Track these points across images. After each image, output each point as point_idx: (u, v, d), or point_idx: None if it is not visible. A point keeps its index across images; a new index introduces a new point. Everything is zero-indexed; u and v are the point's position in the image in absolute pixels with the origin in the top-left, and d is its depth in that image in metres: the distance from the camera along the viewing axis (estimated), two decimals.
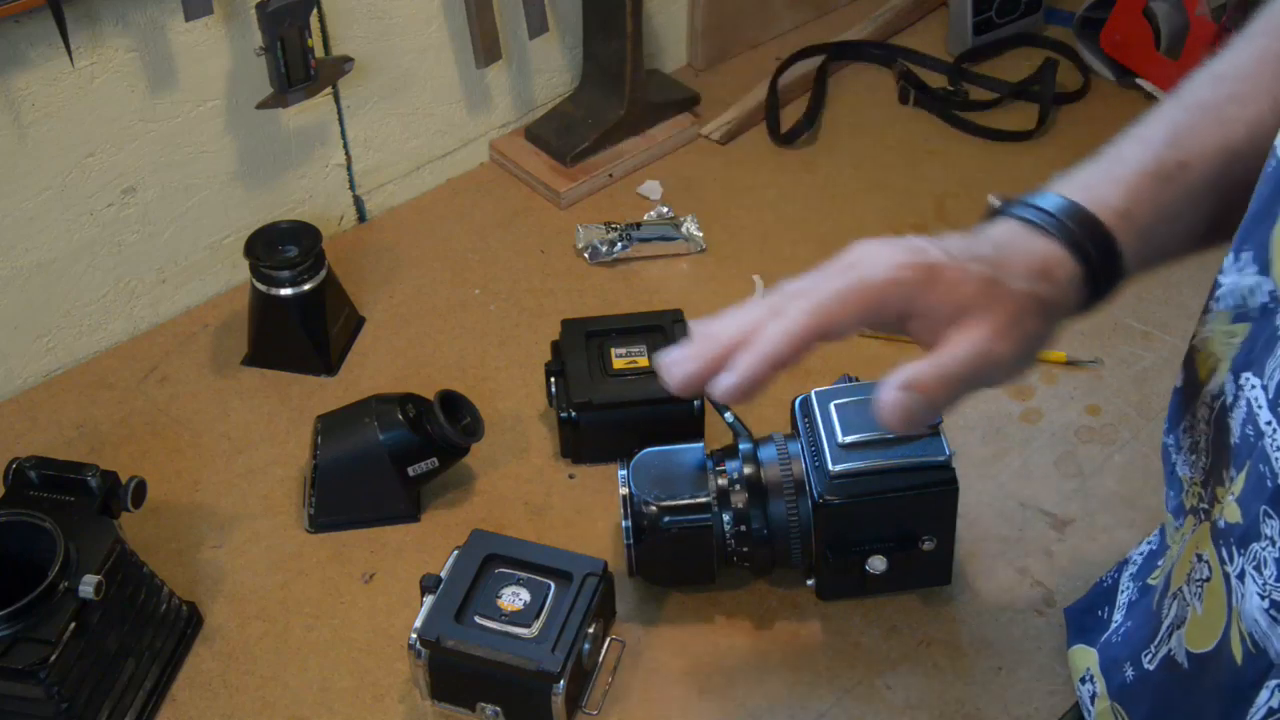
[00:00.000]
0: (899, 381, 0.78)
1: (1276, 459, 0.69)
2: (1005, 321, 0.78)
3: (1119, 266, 0.81)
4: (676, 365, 0.81)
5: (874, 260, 0.80)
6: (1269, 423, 0.71)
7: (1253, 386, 0.74)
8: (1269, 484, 0.70)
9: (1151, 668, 0.87)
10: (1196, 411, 0.84)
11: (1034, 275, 0.79)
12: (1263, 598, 0.71)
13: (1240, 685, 0.74)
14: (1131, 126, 0.84)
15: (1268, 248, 0.73)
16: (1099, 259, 0.80)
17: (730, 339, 0.80)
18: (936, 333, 0.79)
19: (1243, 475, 0.74)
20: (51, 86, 1.19)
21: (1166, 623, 0.85)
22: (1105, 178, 0.82)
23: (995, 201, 0.85)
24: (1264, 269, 0.74)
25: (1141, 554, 1.02)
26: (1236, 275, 0.77)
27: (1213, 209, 0.82)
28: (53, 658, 0.94)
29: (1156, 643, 0.86)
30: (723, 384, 0.79)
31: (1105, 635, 0.97)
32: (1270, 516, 0.70)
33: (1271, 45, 0.82)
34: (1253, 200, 0.75)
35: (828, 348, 1.33)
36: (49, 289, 1.28)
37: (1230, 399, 0.77)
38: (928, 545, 1.04)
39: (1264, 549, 0.71)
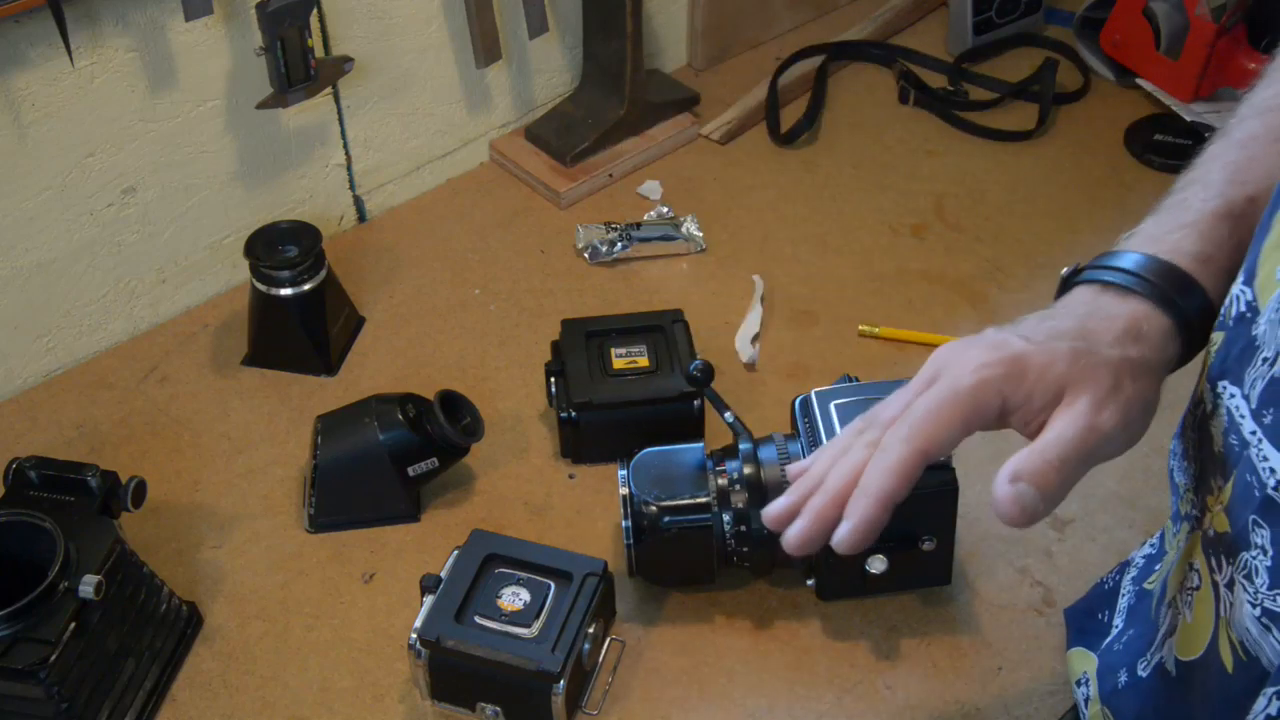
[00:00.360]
0: (1008, 475, 0.75)
1: (1263, 469, 0.69)
2: (1104, 392, 0.76)
3: (1208, 311, 0.78)
4: (789, 523, 0.80)
5: (958, 366, 0.78)
6: (1253, 432, 0.71)
7: (1231, 396, 0.74)
8: (1256, 493, 0.70)
9: (1144, 675, 0.87)
10: (1187, 419, 0.84)
11: (1123, 338, 0.77)
12: (1254, 606, 0.71)
13: (1231, 694, 0.74)
14: (1186, 173, 0.82)
15: (1258, 259, 0.74)
16: (1187, 307, 0.78)
17: (838, 487, 0.78)
18: (1038, 420, 0.77)
19: (1230, 485, 0.74)
20: (51, 86, 1.19)
21: (1161, 631, 0.85)
22: (1174, 226, 0.80)
23: (1066, 271, 0.82)
24: (1248, 279, 0.74)
25: (1144, 556, 1.02)
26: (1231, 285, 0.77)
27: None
28: (53, 658, 0.94)
29: (1151, 650, 0.86)
30: (844, 537, 0.77)
31: (1106, 641, 0.97)
32: (1260, 525, 0.70)
33: None
34: (1265, 211, 0.75)
35: (827, 347, 1.33)
36: (49, 289, 1.28)
37: (1209, 407, 0.77)
38: (928, 545, 1.03)
39: (1254, 558, 0.71)
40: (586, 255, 1.41)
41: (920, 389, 0.78)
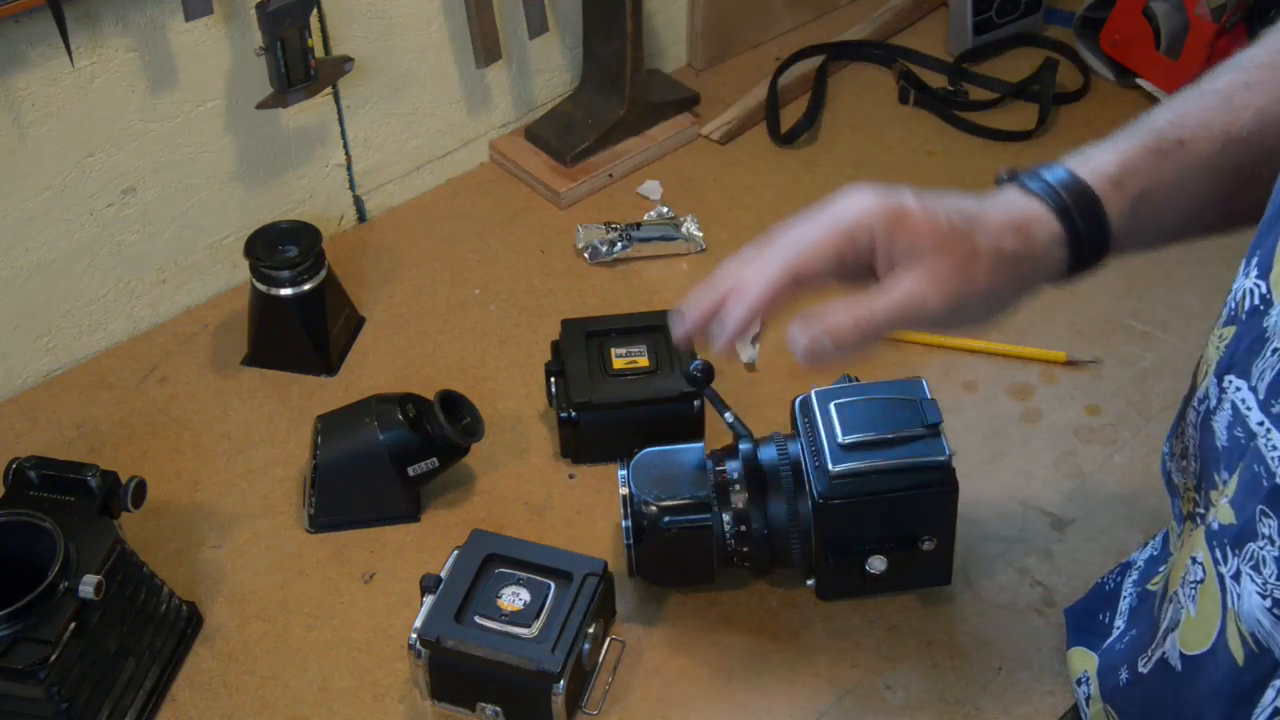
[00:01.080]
0: (818, 326, 0.84)
1: (1272, 458, 0.69)
2: (948, 273, 0.81)
3: (1104, 232, 0.83)
4: (682, 317, 0.90)
5: (848, 203, 0.86)
6: (1261, 423, 0.71)
7: (1237, 389, 0.74)
8: (1264, 483, 0.70)
9: (1145, 670, 0.87)
10: (1186, 417, 0.84)
11: (1007, 230, 0.82)
12: (1264, 597, 0.71)
13: (1241, 686, 0.74)
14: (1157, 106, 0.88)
15: (1273, 252, 0.74)
16: (1083, 222, 0.82)
17: (721, 286, 0.88)
18: (889, 272, 0.84)
19: (1235, 477, 0.74)
20: (51, 86, 1.19)
21: (1163, 627, 0.85)
22: (1105, 150, 0.85)
23: (1003, 172, 0.89)
24: (1263, 273, 0.74)
25: (1145, 559, 1.01)
26: (1242, 279, 0.77)
27: (1210, 189, 0.83)
28: (53, 658, 0.94)
29: (1153, 646, 0.86)
30: (715, 341, 0.89)
31: (1108, 642, 0.97)
32: (1268, 515, 0.70)
33: None
34: (1268, 206, 0.76)
35: None
36: (49, 289, 1.28)
37: (1214, 402, 0.77)
38: (928, 545, 1.03)
39: (1262, 548, 0.71)
40: (586, 255, 1.41)
41: (811, 218, 0.87)
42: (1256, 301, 0.75)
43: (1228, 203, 0.84)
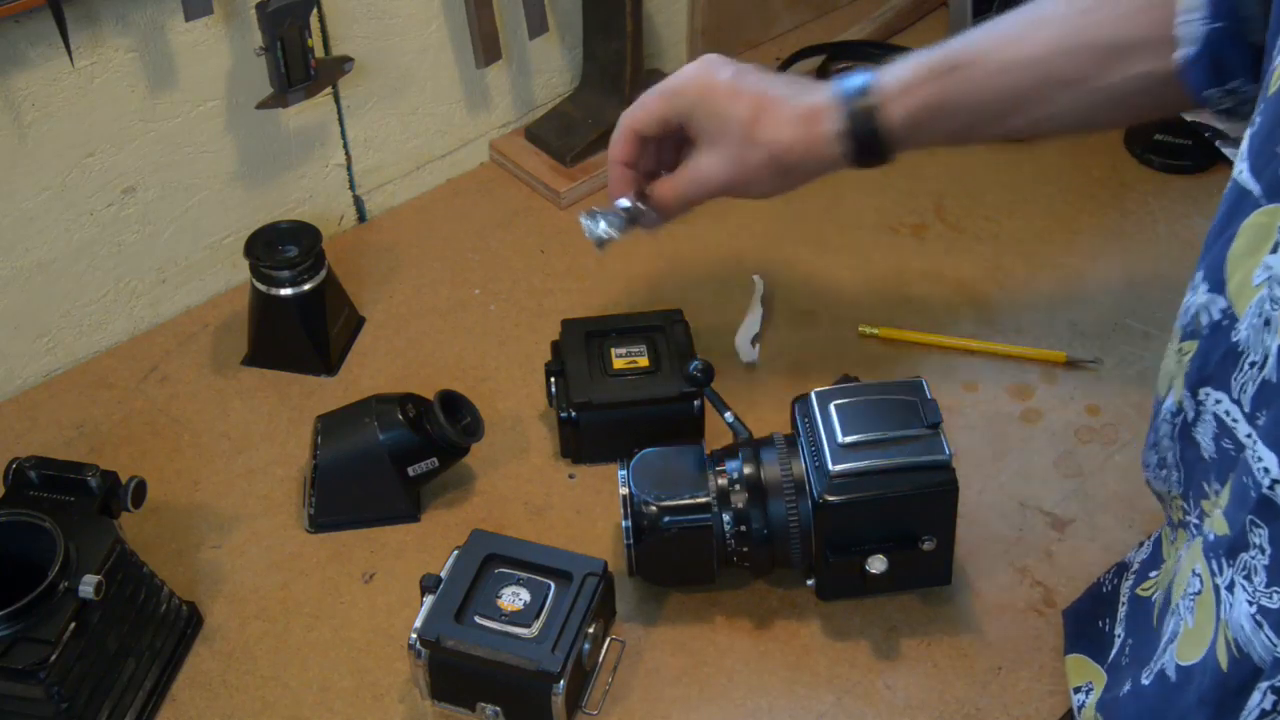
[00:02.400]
0: (652, 199, 1.11)
1: (1258, 469, 0.69)
2: (729, 157, 1.05)
3: (876, 134, 1.02)
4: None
5: (680, 72, 1.08)
6: (1248, 435, 0.71)
7: (1217, 401, 0.74)
8: (1253, 494, 0.70)
9: (1147, 683, 0.87)
10: (1159, 428, 0.84)
11: (795, 119, 1.03)
12: (1250, 604, 0.71)
13: (1226, 692, 0.74)
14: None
15: (1221, 268, 0.74)
16: (857, 123, 1.02)
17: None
18: (695, 137, 1.07)
19: (1227, 488, 0.74)
20: (51, 86, 1.19)
21: (1164, 639, 0.85)
22: (900, 65, 1.02)
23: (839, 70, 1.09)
24: (1216, 287, 0.75)
25: (1140, 561, 1.01)
26: (1192, 296, 0.77)
27: (985, 109, 1.01)
28: (53, 658, 0.94)
29: (1155, 658, 0.86)
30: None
31: (1113, 656, 0.97)
32: (1258, 525, 0.70)
33: None
34: (1214, 220, 0.76)
35: (827, 348, 1.33)
36: (49, 289, 1.28)
37: (1191, 414, 0.78)
38: (928, 545, 1.03)
39: (1253, 558, 0.71)
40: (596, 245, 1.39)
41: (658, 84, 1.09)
42: (1217, 317, 0.75)
43: (1004, 120, 1.01)
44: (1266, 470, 0.69)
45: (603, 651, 1.07)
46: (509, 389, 1.29)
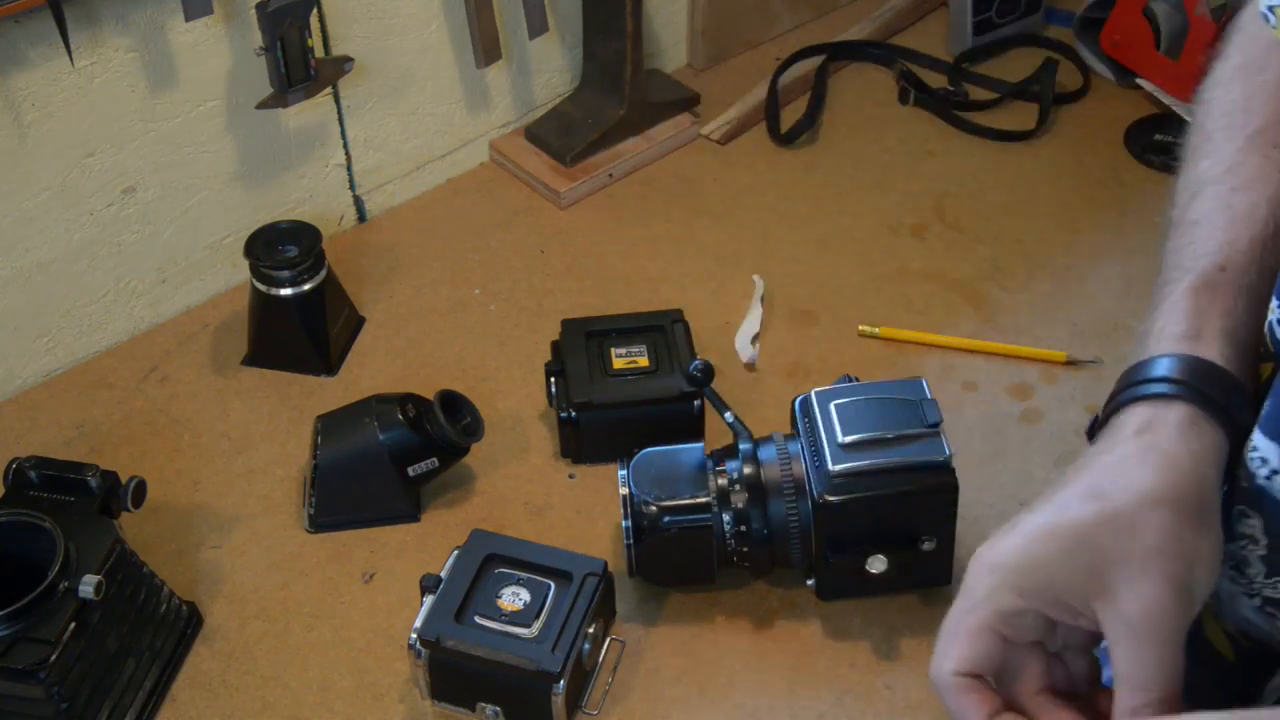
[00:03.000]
0: None
1: (1253, 459, 0.69)
2: (1157, 577, 0.63)
3: (1217, 372, 0.70)
4: None
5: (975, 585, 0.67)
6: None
7: None
8: (1244, 484, 0.70)
9: None
10: None
11: (1113, 466, 0.67)
12: (1251, 596, 0.71)
13: (1233, 680, 0.74)
14: (1156, 287, 0.78)
15: None
16: (1215, 389, 0.69)
17: None
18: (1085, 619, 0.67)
19: None
20: (51, 86, 1.19)
21: None
22: (1165, 317, 0.74)
23: (1097, 414, 0.75)
24: None
25: None
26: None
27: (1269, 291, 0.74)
28: (53, 658, 0.94)
29: None
30: None
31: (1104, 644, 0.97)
32: (1248, 516, 0.70)
33: (1243, 132, 0.78)
34: None
35: (827, 347, 1.33)
36: (49, 289, 1.28)
37: None
38: (928, 545, 1.03)
39: (1243, 548, 0.70)
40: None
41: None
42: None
43: None
44: (1265, 460, 0.68)
45: (603, 651, 1.07)
46: (509, 389, 1.29)
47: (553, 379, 1.22)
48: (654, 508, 1.05)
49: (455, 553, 1.05)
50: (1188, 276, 0.74)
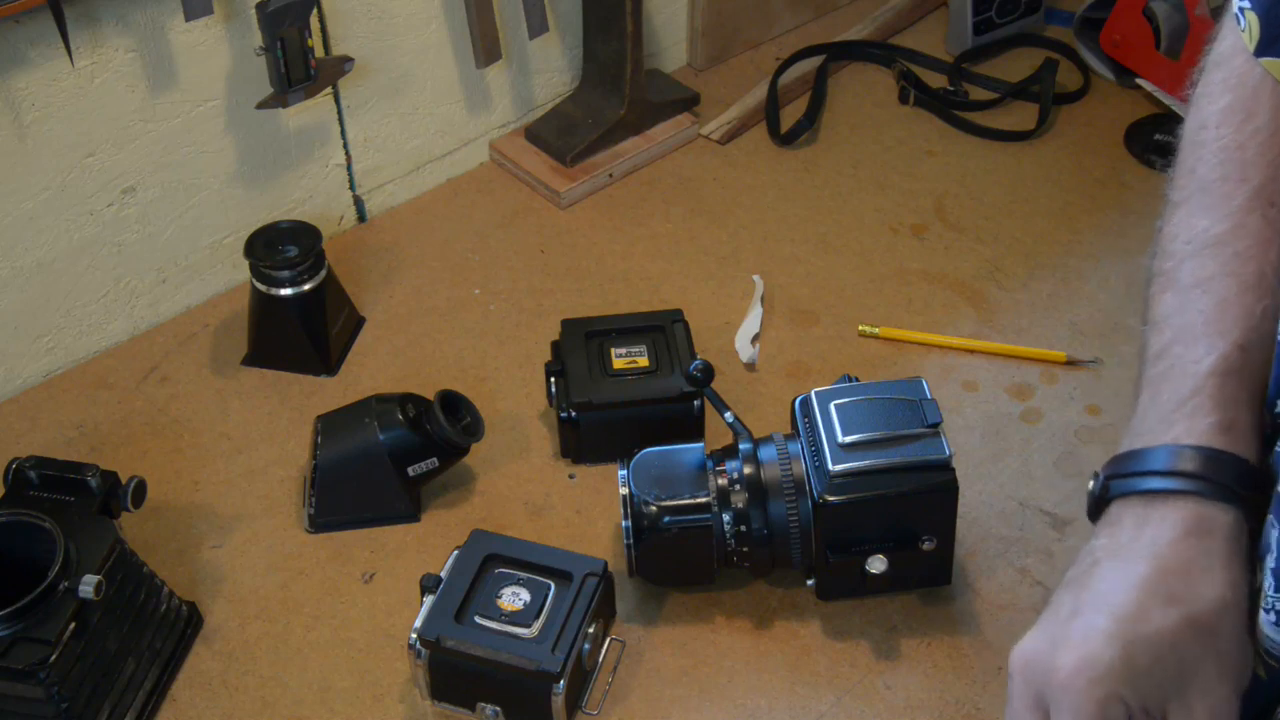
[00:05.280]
0: None
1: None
2: (1215, 676, 0.66)
3: (1255, 474, 0.70)
4: None
5: (1064, 689, 0.69)
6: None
7: None
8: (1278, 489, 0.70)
9: None
10: None
11: (1179, 570, 0.67)
12: (1268, 611, 0.70)
13: (1259, 700, 0.73)
14: (1154, 333, 0.76)
15: None
16: (1242, 487, 0.69)
17: None
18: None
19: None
20: (51, 86, 1.19)
21: None
22: (1177, 401, 0.73)
23: (1095, 485, 0.74)
24: None
25: None
26: None
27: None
28: (53, 658, 0.94)
29: None
30: None
31: None
32: (1275, 526, 0.69)
33: (1242, 188, 0.77)
34: None
35: (827, 347, 1.33)
36: (49, 289, 1.28)
37: (1268, 431, 0.76)
38: (928, 545, 1.03)
39: (1270, 559, 0.70)
40: None
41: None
42: None
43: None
44: None
45: (603, 651, 1.07)
46: (509, 389, 1.29)
47: (553, 379, 1.22)
48: (654, 508, 1.05)
49: (455, 553, 1.05)
50: (1209, 357, 0.73)
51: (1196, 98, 0.83)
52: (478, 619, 1.01)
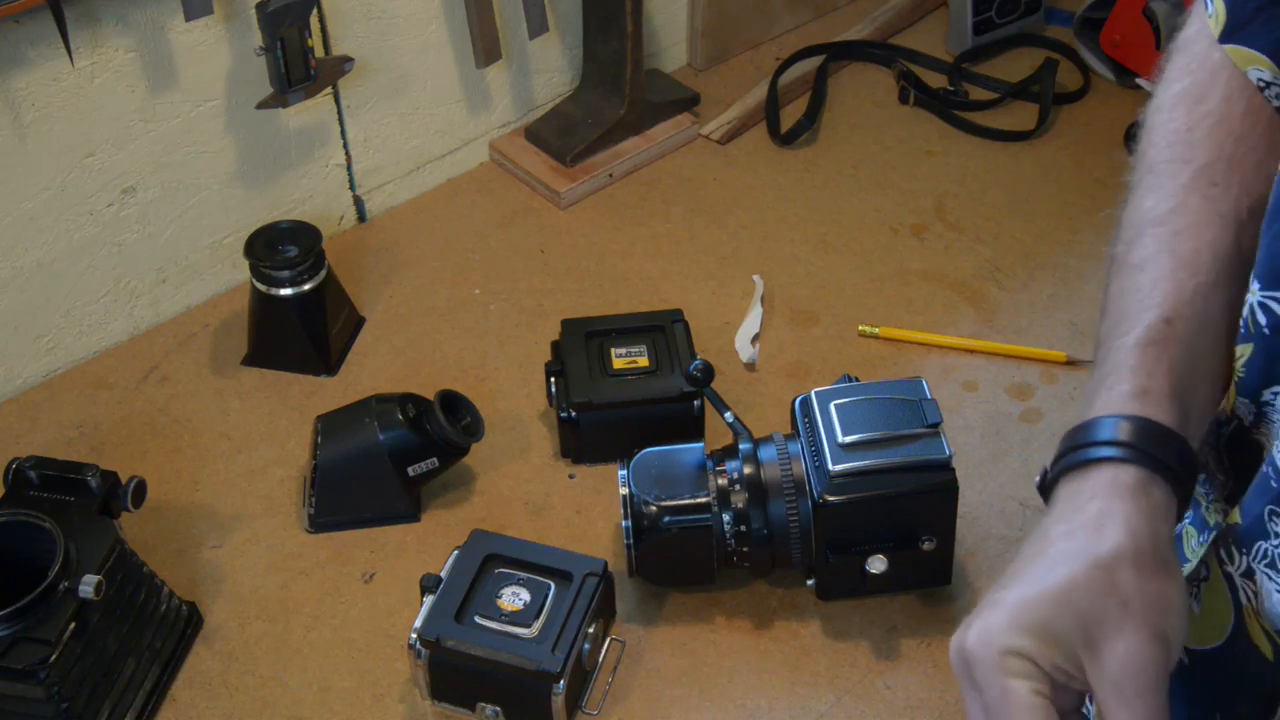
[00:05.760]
0: None
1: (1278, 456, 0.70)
2: (1135, 624, 0.65)
3: (1163, 433, 0.71)
4: None
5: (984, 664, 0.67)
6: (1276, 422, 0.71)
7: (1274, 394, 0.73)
8: (1273, 484, 0.70)
9: None
10: (1208, 440, 0.82)
11: (1080, 529, 0.68)
12: None
13: (1273, 680, 0.73)
14: (1104, 320, 0.77)
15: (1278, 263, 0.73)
16: (1163, 453, 0.70)
17: None
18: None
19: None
20: (51, 86, 1.19)
21: None
22: (1114, 378, 0.74)
23: (1042, 477, 0.74)
24: (1270, 284, 0.73)
25: None
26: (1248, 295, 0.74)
27: (1227, 334, 0.75)
28: (53, 658, 0.94)
29: None
30: None
31: None
32: (1277, 516, 0.70)
33: (1187, 168, 0.78)
34: (1267, 213, 0.74)
35: (827, 347, 1.33)
36: (49, 289, 1.28)
37: (1250, 419, 0.76)
38: (928, 545, 1.03)
39: (1275, 547, 0.71)
40: None
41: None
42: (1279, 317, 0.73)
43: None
44: None
45: (603, 651, 1.07)
46: (509, 389, 1.29)
47: (553, 379, 1.22)
48: (654, 508, 1.05)
49: (455, 553, 1.06)
50: (1134, 330, 0.74)
51: (1158, 82, 0.84)
52: (478, 619, 1.01)
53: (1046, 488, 0.73)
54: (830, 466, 1.02)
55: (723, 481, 1.06)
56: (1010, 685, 0.65)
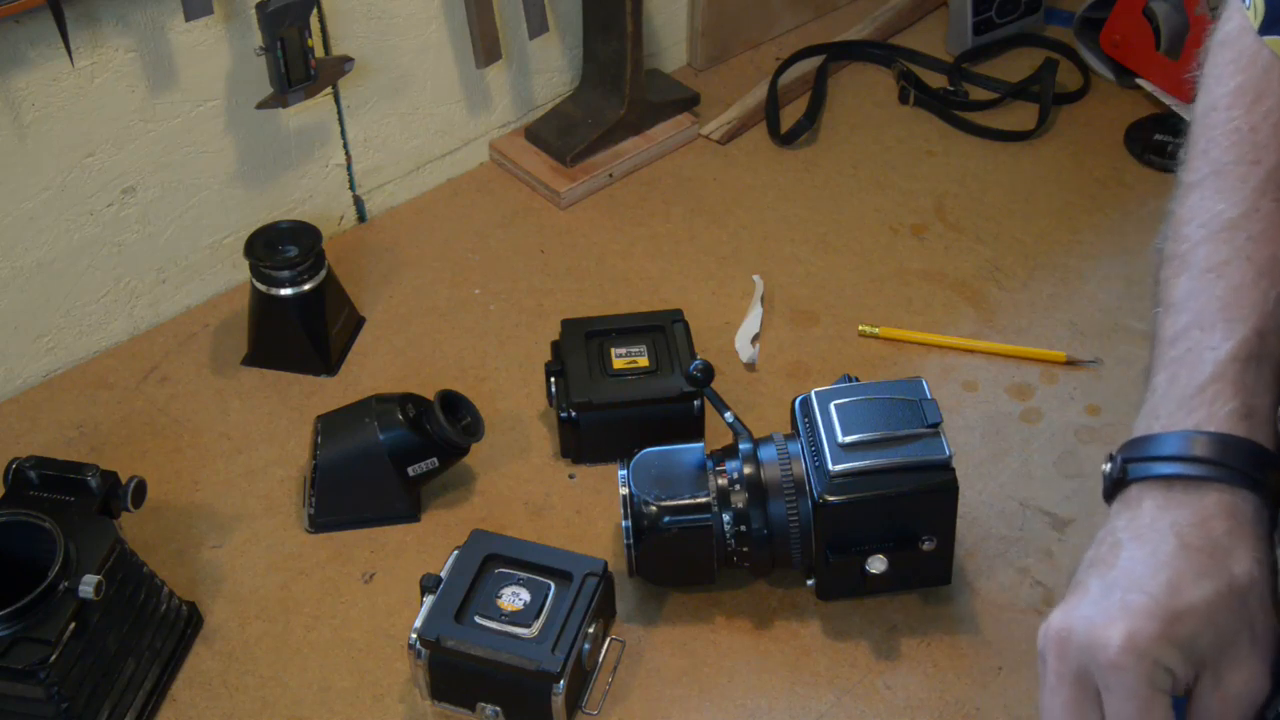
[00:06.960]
0: None
1: None
2: (1243, 659, 0.67)
3: (1273, 459, 0.71)
4: None
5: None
6: None
7: None
8: None
9: None
10: None
11: (1206, 548, 0.68)
12: None
13: None
14: (1166, 315, 0.76)
15: None
16: (1254, 469, 0.70)
17: None
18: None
19: None
20: (51, 86, 1.19)
21: None
22: (1195, 387, 0.73)
23: (1110, 468, 0.75)
24: None
25: None
26: None
27: None
28: (53, 658, 0.94)
29: None
30: None
31: None
32: None
33: (1256, 170, 0.78)
34: None
35: (827, 347, 1.33)
36: (49, 289, 1.28)
37: None
38: (928, 545, 1.03)
39: None
40: None
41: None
42: None
43: None
44: None
45: (603, 651, 1.07)
46: (509, 389, 1.29)
47: (553, 379, 1.22)
48: (654, 508, 1.05)
49: (455, 553, 1.06)
50: (1228, 343, 0.73)
51: (1204, 78, 0.84)
52: (478, 619, 1.01)
53: (1125, 483, 0.72)
54: (830, 466, 1.02)
55: (723, 481, 1.06)
56: (1157, 699, 0.66)
